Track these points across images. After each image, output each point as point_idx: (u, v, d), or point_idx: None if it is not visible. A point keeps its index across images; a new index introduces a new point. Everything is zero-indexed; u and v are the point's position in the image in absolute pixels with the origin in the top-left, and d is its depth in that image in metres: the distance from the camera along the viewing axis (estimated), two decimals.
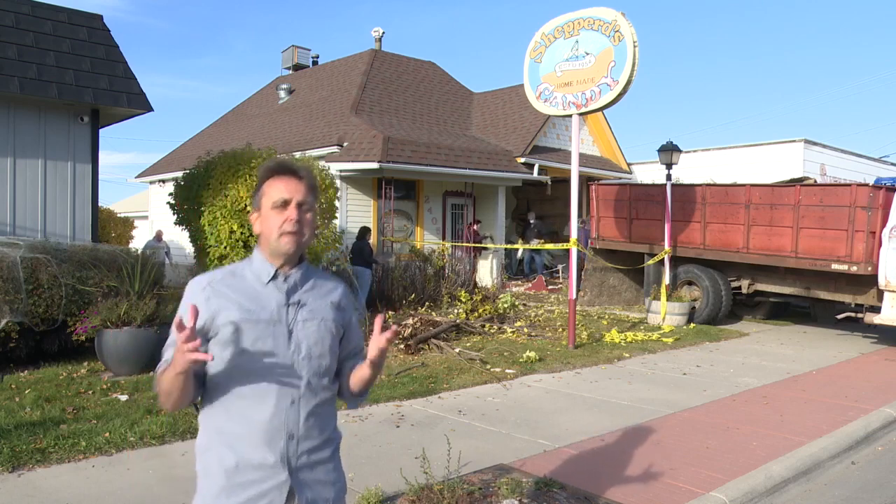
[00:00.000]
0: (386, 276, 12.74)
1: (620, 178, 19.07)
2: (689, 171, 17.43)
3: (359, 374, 2.02)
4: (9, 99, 8.82)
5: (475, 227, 16.10)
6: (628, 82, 8.96)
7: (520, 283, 17.55)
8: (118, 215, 21.52)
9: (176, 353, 1.68)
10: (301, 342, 1.90)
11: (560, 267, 18.82)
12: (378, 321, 1.96)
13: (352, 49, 72.45)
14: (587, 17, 9.38)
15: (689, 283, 12.35)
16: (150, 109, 9.83)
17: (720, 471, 4.65)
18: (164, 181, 18.86)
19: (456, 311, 11.16)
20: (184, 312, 1.78)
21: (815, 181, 13.45)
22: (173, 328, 1.71)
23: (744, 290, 12.12)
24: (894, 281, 9.62)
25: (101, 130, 9.88)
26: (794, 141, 18.44)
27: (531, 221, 18.12)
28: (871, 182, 11.73)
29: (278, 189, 1.88)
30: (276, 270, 1.92)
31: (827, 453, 5.23)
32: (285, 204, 1.87)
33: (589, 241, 14.36)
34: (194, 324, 1.67)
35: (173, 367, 1.70)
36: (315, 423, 1.91)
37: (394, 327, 1.96)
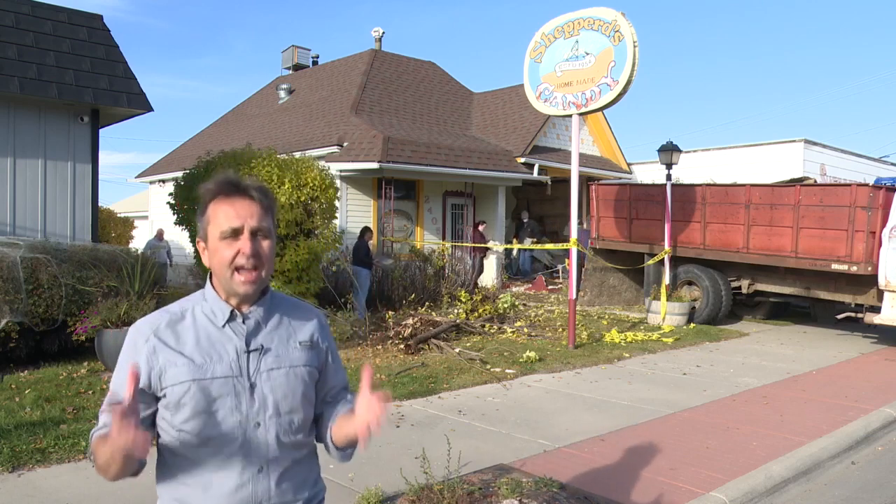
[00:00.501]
0: (386, 276, 12.75)
1: (620, 178, 19.07)
2: (689, 171, 17.44)
3: (344, 431, 1.69)
4: (9, 99, 8.81)
5: (481, 227, 15.96)
6: (628, 82, 8.95)
7: (520, 283, 17.55)
8: (118, 215, 21.52)
9: (111, 430, 1.36)
10: (266, 397, 1.61)
11: (560, 267, 18.82)
12: (366, 376, 1.61)
13: (352, 49, 72.54)
14: (587, 17, 9.37)
15: (689, 283, 12.34)
16: (150, 109, 9.83)
17: (720, 471, 4.65)
18: (164, 181, 18.86)
19: (456, 311, 11.16)
20: (120, 379, 1.52)
21: (815, 181, 13.45)
22: (108, 397, 1.50)
23: (744, 290, 12.12)
24: (894, 281, 9.62)
25: (101, 130, 9.88)
26: (794, 141, 18.45)
27: (524, 220, 17.95)
28: (871, 182, 11.73)
29: (226, 214, 1.56)
30: (233, 310, 1.62)
31: (827, 453, 5.23)
32: (235, 233, 1.55)
33: (589, 241, 14.36)
34: (133, 396, 1.37)
35: (109, 443, 1.38)
36: (290, 487, 1.65)
37: (385, 394, 1.60)
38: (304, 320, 1.75)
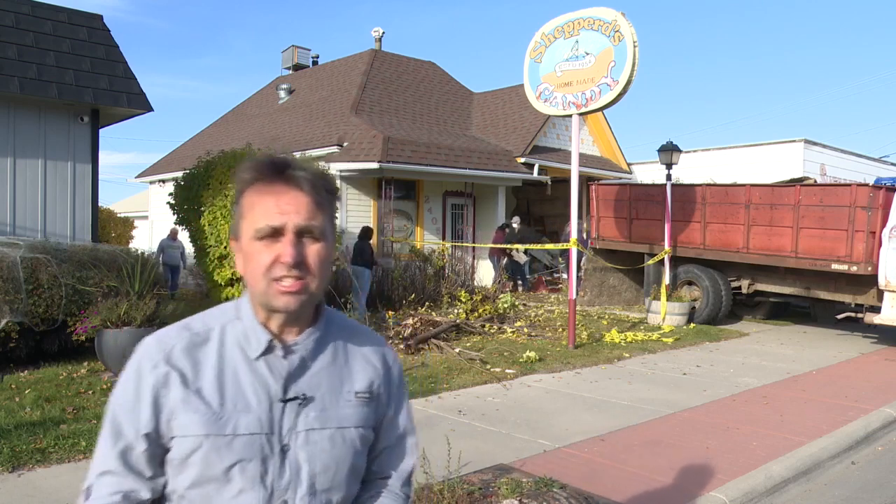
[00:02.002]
0: (386, 277, 12.75)
1: (620, 178, 19.06)
2: (689, 171, 17.43)
3: None
4: (9, 99, 8.81)
5: (508, 231, 15.53)
6: (628, 82, 8.95)
7: (519, 283, 17.53)
8: (118, 215, 21.53)
9: None
10: (301, 467, 1.18)
11: (560, 267, 18.79)
12: None
13: (352, 49, 72.55)
14: (587, 17, 9.37)
15: (689, 283, 12.34)
16: (150, 109, 9.82)
17: (720, 471, 4.64)
18: (164, 181, 18.86)
19: (456, 311, 11.16)
20: (123, 412, 1.21)
21: (815, 181, 13.45)
22: (106, 457, 1.19)
23: (744, 290, 12.12)
24: (894, 281, 9.62)
25: (101, 130, 9.88)
26: (794, 141, 18.44)
27: (514, 226, 16.41)
28: (871, 182, 11.73)
29: (264, 208, 1.16)
30: (272, 339, 1.20)
31: (827, 453, 5.23)
32: (276, 233, 1.15)
33: (589, 241, 14.36)
34: None
35: None
36: None
37: None
38: (366, 359, 1.31)
